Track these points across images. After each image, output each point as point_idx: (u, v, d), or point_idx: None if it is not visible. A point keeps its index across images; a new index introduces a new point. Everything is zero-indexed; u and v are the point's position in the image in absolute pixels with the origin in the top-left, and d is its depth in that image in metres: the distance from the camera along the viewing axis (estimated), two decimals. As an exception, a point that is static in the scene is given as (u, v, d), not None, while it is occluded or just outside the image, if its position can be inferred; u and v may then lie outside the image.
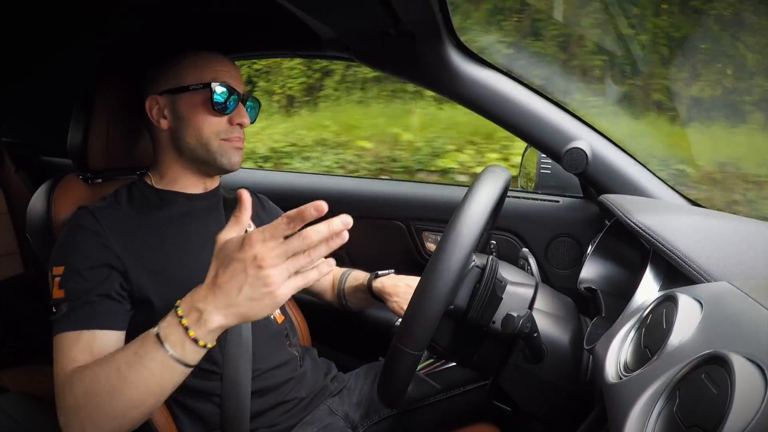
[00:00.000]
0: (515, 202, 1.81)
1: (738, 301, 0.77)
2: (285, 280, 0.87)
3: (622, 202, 1.28)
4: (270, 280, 0.85)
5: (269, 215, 1.58)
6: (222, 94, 1.27)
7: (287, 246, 0.85)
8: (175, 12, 1.50)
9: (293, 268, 0.87)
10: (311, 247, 0.86)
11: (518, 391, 1.10)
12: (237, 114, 1.31)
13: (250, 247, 0.86)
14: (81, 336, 1.09)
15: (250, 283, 0.86)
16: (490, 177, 1.05)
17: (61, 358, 1.07)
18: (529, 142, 1.64)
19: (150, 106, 1.32)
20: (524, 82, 1.56)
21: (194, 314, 0.91)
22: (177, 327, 0.91)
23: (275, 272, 0.86)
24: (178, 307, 0.93)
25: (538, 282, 1.21)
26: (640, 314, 0.90)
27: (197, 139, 1.29)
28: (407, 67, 1.55)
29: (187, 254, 1.27)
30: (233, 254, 0.88)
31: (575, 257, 1.73)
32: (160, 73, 1.34)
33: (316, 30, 1.53)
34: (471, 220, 0.94)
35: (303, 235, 0.85)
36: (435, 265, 0.93)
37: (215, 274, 0.90)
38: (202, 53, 1.33)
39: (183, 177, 1.36)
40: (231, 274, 0.88)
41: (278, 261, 0.86)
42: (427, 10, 1.26)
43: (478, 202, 0.98)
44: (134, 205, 1.28)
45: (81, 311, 1.11)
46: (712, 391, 0.59)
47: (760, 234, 1.08)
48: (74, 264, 1.15)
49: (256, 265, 0.85)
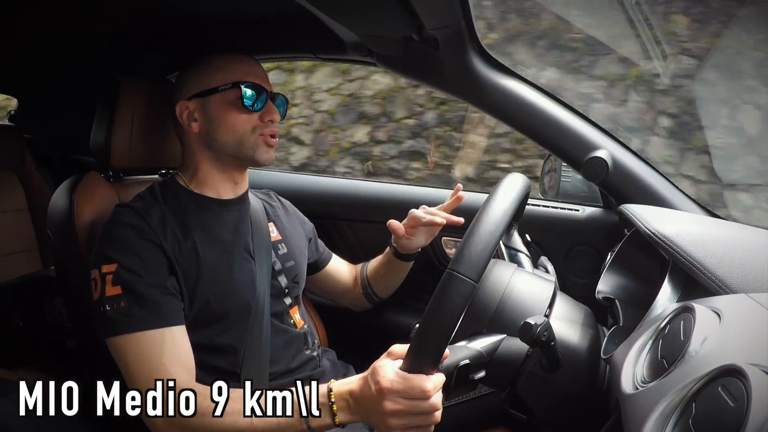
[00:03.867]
0: (535, 210, 1.81)
1: (756, 313, 0.77)
2: (403, 428, 0.95)
3: (641, 212, 1.27)
4: (388, 426, 0.95)
5: (291, 219, 1.59)
6: (251, 93, 1.30)
7: (414, 409, 0.93)
8: (199, 14, 1.52)
9: (413, 425, 0.95)
10: (433, 410, 0.94)
11: (534, 399, 1.09)
12: (267, 111, 1.33)
13: (382, 392, 0.94)
14: (155, 335, 1.12)
15: (376, 417, 0.97)
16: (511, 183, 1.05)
17: (142, 362, 1.11)
18: (551, 151, 1.63)
19: (180, 111, 1.33)
20: (546, 91, 1.56)
21: (343, 402, 1.02)
22: (326, 408, 1.02)
23: (394, 421, 0.95)
24: (331, 391, 1.03)
25: (556, 290, 1.21)
26: (657, 325, 0.90)
27: (232, 136, 1.31)
28: (430, 72, 1.55)
29: (215, 263, 1.27)
30: (372, 384, 0.97)
31: (594, 266, 1.72)
32: (187, 78, 1.35)
33: (340, 34, 1.55)
34: (492, 222, 0.93)
35: (430, 403, 0.93)
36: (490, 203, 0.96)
37: (365, 383, 0.99)
38: (227, 55, 1.35)
39: (214, 178, 1.36)
40: (366, 395, 0.98)
41: (401, 414, 0.94)
42: (451, 16, 1.27)
43: (500, 205, 0.97)
44: (170, 207, 1.29)
45: (149, 308, 1.13)
46: (729, 403, 0.59)
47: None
48: (128, 261, 1.16)
49: (382, 410, 0.94)
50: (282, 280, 1.41)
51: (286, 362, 1.36)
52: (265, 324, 1.32)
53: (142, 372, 1.10)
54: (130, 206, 1.24)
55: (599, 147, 1.50)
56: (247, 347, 1.29)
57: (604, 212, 1.75)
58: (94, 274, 1.17)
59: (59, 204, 1.37)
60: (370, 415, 0.98)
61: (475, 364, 1.04)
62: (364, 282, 1.68)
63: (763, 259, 0.98)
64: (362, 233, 2.10)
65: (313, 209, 1.81)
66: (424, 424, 0.95)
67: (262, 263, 1.36)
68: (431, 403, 0.92)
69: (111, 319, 1.12)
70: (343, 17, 1.32)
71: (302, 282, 1.51)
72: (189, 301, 1.22)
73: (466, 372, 1.03)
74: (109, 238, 1.20)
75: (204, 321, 1.23)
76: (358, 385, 1.00)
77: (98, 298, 1.14)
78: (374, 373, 0.97)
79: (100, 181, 1.43)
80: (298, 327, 1.43)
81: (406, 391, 0.92)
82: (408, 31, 1.36)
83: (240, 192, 1.42)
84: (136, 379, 1.10)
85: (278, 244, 1.46)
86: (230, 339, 1.27)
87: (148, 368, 1.10)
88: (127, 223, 1.20)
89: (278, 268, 1.41)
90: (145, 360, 1.10)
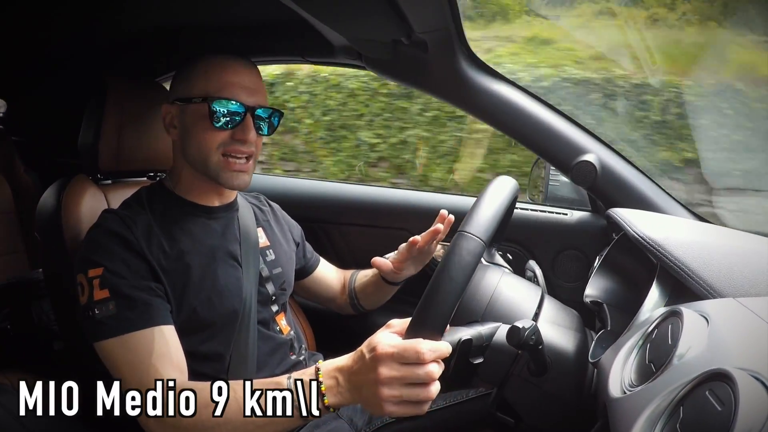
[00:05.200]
0: (523, 214, 1.81)
1: (744, 318, 0.77)
2: (396, 402, 0.91)
3: (629, 216, 1.27)
4: (381, 396, 0.90)
5: (279, 224, 1.58)
6: (222, 110, 1.23)
7: (409, 374, 0.89)
8: (188, 17, 1.51)
9: (407, 397, 0.91)
10: (429, 379, 0.90)
11: (522, 403, 1.09)
12: (240, 129, 1.25)
13: (377, 359, 0.91)
14: (144, 336, 1.11)
15: (368, 388, 0.92)
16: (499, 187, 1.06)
17: (132, 363, 1.09)
18: (539, 154, 1.64)
19: (164, 113, 1.31)
20: (535, 95, 1.56)
21: (332, 381, 0.98)
22: (314, 388, 0.98)
23: (387, 391, 0.90)
24: (319, 370, 1.00)
25: (544, 293, 1.21)
26: (645, 329, 0.90)
27: (198, 151, 1.27)
28: (419, 76, 1.55)
29: (202, 271, 1.26)
30: (367, 353, 0.94)
31: (582, 270, 1.72)
32: (176, 79, 1.33)
33: (329, 37, 1.54)
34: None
35: (426, 371, 0.89)
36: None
37: (359, 356, 0.96)
38: (215, 58, 1.29)
39: (198, 187, 1.34)
40: (359, 367, 0.95)
41: (394, 383, 0.90)
42: (440, 20, 1.27)
43: (505, 182, 1.02)
44: (156, 215, 1.27)
45: (138, 309, 1.12)
46: (716, 407, 0.59)
47: (767, 251, 1.07)
48: (114, 265, 1.14)
49: (375, 378, 0.90)
50: (269, 287, 1.40)
51: (271, 369, 1.34)
52: (251, 331, 1.31)
53: (134, 374, 1.08)
54: (116, 213, 1.23)
55: (587, 151, 1.51)
56: (233, 354, 1.28)
57: (592, 216, 1.76)
58: (80, 279, 1.15)
59: (47, 206, 1.36)
60: (362, 390, 0.94)
61: (476, 345, 1.04)
62: (351, 293, 1.67)
63: (751, 263, 0.99)
64: (351, 237, 2.09)
65: (303, 213, 1.80)
66: (418, 399, 0.91)
67: (250, 270, 1.35)
68: (427, 371, 0.89)
69: (101, 323, 1.11)
70: (332, 20, 1.32)
71: (289, 289, 1.50)
72: (177, 309, 1.21)
73: (468, 348, 1.02)
74: (94, 243, 1.18)
75: (191, 328, 1.21)
76: (351, 358, 0.98)
77: (86, 303, 1.13)
78: (370, 342, 0.94)
79: (88, 183, 1.42)
80: (284, 333, 1.42)
81: (401, 354, 0.89)
82: (397, 35, 1.36)
83: (227, 200, 1.40)
84: (128, 381, 1.08)
85: (266, 251, 1.44)
86: (216, 346, 1.26)
87: (140, 369, 1.08)
88: (112, 230, 1.19)
89: (266, 275, 1.40)
90: (136, 361, 1.09)
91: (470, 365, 1.05)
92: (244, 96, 1.25)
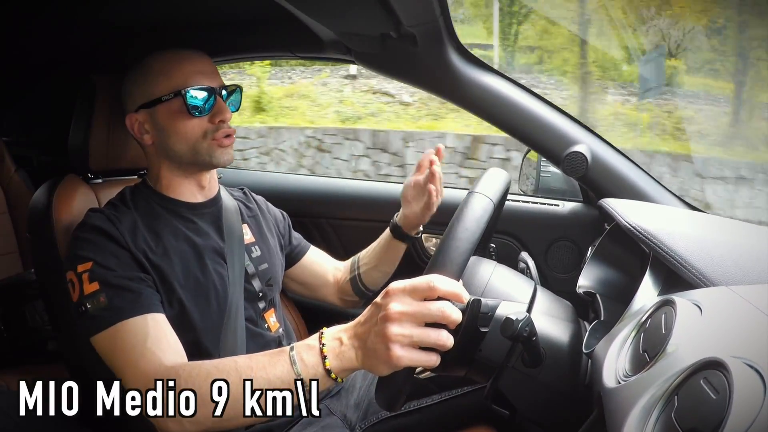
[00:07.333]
0: (515, 205, 1.82)
1: (737, 306, 0.77)
2: (405, 344, 0.86)
3: (621, 206, 1.28)
4: (389, 337, 0.85)
5: (265, 218, 1.57)
6: (195, 98, 1.26)
7: (420, 309, 0.85)
8: (174, 15, 1.50)
9: (417, 338, 0.86)
10: (441, 315, 0.85)
11: (517, 394, 1.09)
12: (217, 111, 1.28)
13: (388, 296, 0.87)
14: (137, 323, 1.10)
15: (375, 332, 0.88)
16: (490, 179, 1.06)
17: (128, 350, 1.08)
18: (530, 146, 1.64)
19: (130, 124, 1.31)
20: (524, 87, 1.56)
21: (335, 342, 0.94)
22: (316, 351, 0.95)
23: (396, 330, 0.85)
24: (323, 333, 0.96)
25: (537, 285, 1.21)
26: (639, 318, 0.90)
27: (185, 144, 1.28)
28: (408, 69, 1.55)
29: (187, 268, 1.26)
30: (380, 298, 0.90)
31: (575, 261, 1.73)
32: (130, 87, 1.32)
33: (318, 32, 1.54)
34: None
35: (439, 305, 0.85)
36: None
37: (370, 307, 0.93)
38: (167, 55, 1.30)
39: (179, 184, 1.34)
40: (368, 317, 0.91)
41: (404, 319, 0.85)
42: (429, 13, 1.26)
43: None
44: (141, 213, 1.28)
45: (128, 298, 1.12)
46: (711, 396, 0.59)
47: (759, 239, 1.08)
48: (102, 258, 1.15)
49: (384, 316, 0.86)
50: (256, 283, 1.39)
51: None
52: (239, 328, 1.31)
53: (131, 362, 1.07)
54: (101, 212, 1.24)
55: (578, 142, 1.51)
56: (221, 352, 1.27)
57: (584, 207, 1.76)
58: (69, 276, 1.15)
59: (38, 206, 1.36)
60: (367, 341, 0.89)
61: (484, 311, 1.02)
62: (354, 267, 1.62)
63: (743, 251, 0.99)
64: (342, 231, 2.09)
65: (293, 207, 1.79)
66: (429, 340, 0.86)
67: (235, 267, 1.34)
68: (439, 306, 0.85)
69: (93, 316, 1.11)
70: (320, 15, 1.31)
71: (277, 285, 1.49)
72: (167, 302, 1.21)
73: (477, 309, 1.00)
74: (81, 240, 1.19)
75: (178, 325, 1.20)
76: (362, 315, 0.94)
77: (78, 299, 1.13)
78: (385, 290, 0.90)
79: (78, 183, 1.42)
80: (272, 331, 1.41)
81: (413, 288, 0.86)
82: (385, 29, 1.35)
83: (210, 195, 1.40)
84: (126, 371, 1.08)
85: (251, 247, 1.43)
86: (204, 343, 1.26)
87: (137, 356, 1.07)
88: (98, 227, 1.19)
89: (252, 272, 1.39)
90: (133, 348, 1.08)
91: (477, 333, 1.04)
92: (207, 81, 1.29)
